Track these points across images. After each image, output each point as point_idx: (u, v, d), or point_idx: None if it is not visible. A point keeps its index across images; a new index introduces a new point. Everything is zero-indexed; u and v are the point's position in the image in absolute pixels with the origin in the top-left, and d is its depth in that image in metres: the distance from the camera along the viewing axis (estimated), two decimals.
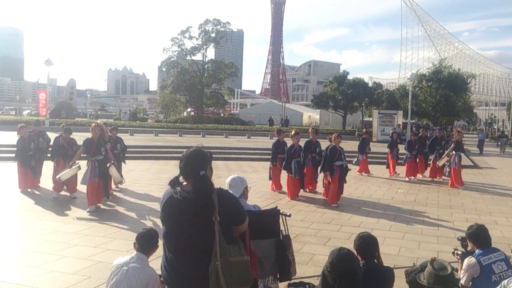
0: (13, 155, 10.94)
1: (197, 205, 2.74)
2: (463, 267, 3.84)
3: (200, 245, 2.74)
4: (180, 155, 2.99)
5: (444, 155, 14.15)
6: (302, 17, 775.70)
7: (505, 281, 3.46)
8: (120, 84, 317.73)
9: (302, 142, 11.52)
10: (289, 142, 11.43)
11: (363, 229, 6.79)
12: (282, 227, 4.04)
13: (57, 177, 9.10)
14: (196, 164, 2.84)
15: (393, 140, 16.52)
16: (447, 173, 14.36)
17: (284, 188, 11.45)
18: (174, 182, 2.91)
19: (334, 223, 8.46)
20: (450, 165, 13.92)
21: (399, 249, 6.78)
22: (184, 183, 2.88)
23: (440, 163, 14.46)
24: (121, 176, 9.44)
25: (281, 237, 3.95)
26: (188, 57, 55.79)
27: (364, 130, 18.54)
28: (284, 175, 11.40)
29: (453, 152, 13.76)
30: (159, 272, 3.68)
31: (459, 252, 4.11)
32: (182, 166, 2.89)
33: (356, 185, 13.19)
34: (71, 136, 10.70)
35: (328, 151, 10.50)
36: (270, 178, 11.78)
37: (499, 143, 33.12)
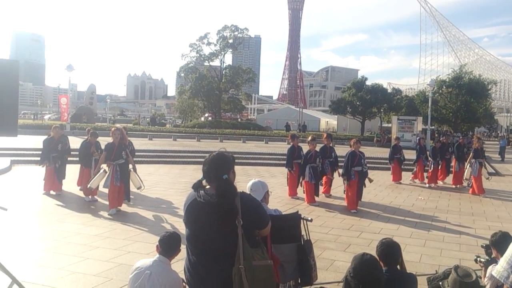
0: (33, 158, 11.19)
1: (220, 209, 2.75)
2: (487, 275, 3.78)
3: (223, 248, 2.75)
4: (198, 159, 3.04)
5: (466, 164, 13.89)
6: (320, 23, 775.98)
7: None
8: (139, 90, 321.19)
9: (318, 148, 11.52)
10: (305, 147, 11.47)
11: (384, 236, 6.73)
12: (303, 232, 4.04)
13: (88, 186, 9.28)
14: (219, 168, 2.86)
15: (421, 146, 16.32)
16: (467, 183, 14.19)
17: (300, 194, 11.45)
18: (197, 186, 2.92)
19: (353, 229, 8.40)
20: (471, 173, 13.71)
21: (420, 257, 6.70)
22: (207, 186, 2.90)
23: (466, 175, 14.08)
24: (141, 181, 9.54)
25: (302, 242, 3.94)
26: (206, 63, 56.20)
27: (395, 136, 18.30)
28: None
29: (473, 159, 13.58)
30: (181, 275, 3.73)
31: (483, 260, 4.04)
32: (206, 169, 2.91)
33: (375, 191, 13.08)
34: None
35: (347, 156, 10.48)
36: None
37: None
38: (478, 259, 4.11)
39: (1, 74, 4.19)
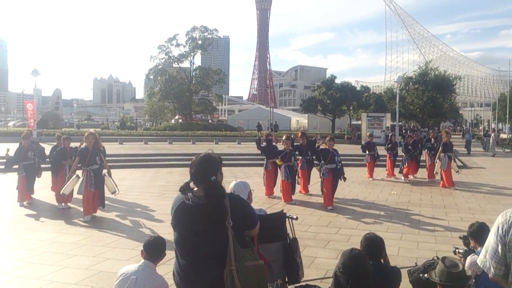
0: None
1: (209, 211, 2.74)
2: (466, 265, 3.88)
3: (214, 250, 2.74)
4: (172, 162, 2.98)
5: (436, 159, 14.18)
6: (288, 22, 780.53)
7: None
8: (106, 93, 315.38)
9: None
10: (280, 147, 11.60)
11: (361, 231, 6.86)
12: (288, 231, 4.06)
13: (61, 192, 9.00)
14: (207, 170, 2.84)
15: (392, 142, 16.72)
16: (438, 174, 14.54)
17: (277, 193, 11.51)
18: (184, 188, 2.89)
19: (331, 226, 8.50)
20: (440, 166, 14.05)
21: (398, 250, 6.84)
22: (195, 188, 2.88)
23: (436, 170, 14.33)
24: (116, 186, 9.36)
25: (288, 241, 3.96)
26: (175, 64, 55.66)
27: (368, 134, 18.65)
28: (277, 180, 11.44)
29: (443, 153, 13.91)
30: (167, 279, 3.69)
31: (461, 251, 4.15)
32: (193, 172, 2.88)
33: (349, 188, 13.27)
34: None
35: (320, 152, 10.68)
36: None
37: (484, 140, 33.66)
38: (457, 250, 4.22)
39: None
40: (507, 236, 1.94)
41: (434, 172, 14.72)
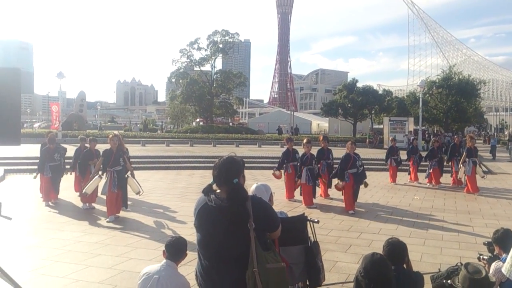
0: (26, 167, 11.04)
1: (232, 213, 2.76)
2: (490, 272, 3.82)
3: (236, 252, 2.75)
4: (193, 164, 3.01)
5: (460, 164, 13.93)
6: (309, 26, 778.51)
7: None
8: (129, 96, 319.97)
9: (314, 151, 11.55)
10: (301, 150, 11.56)
11: (383, 236, 6.80)
12: (309, 234, 4.06)
13: (83, 191, 9.22)
14: (229, 172, 2.86)
15: (414, 147, 16.56)
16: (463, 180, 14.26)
17: (297, 196, 11.50)
18: (207, 190, 2.92)
19: (353, 230, 8.45)
20: (465, 172, 13.79)
21: (421, 255, 6.75)
22: (218, 190, 2.91)
23: (460, 175, 14.13)
24: (140, 186, 9.51)
25: (309, 244, 3.96)
26: (197, 68, 56.16)
27: (391, 138, 18.37)
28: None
29: (467, 159, 13.66)
30: (189, 279, 3.73)
31: (485, 257, 4.08)
32: (216, 174, 2.90)
33: (371, 192, 13.14)
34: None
35: (341, 159, 10.59)
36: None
37: (509, 146, 32.74)
38: (481, 256, 4.15)
39: (3, 83, 4.17)
40: None
41: (458, 178, 14.46)
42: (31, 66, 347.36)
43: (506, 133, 65.91)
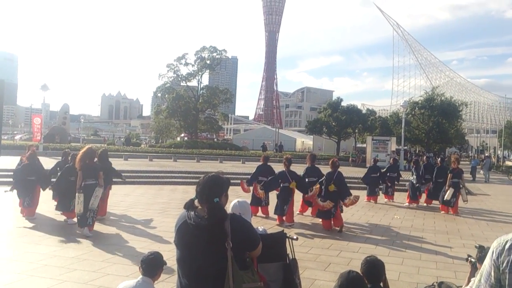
0: (4, 179, 10.76)
1: (210, 232, 2.76)
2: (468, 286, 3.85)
3: (213, 271, 2.75)
4: (176, 179, 3.01)
5: (446, 186, 13.60)
6: (296, 44, 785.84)
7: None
8: (114, 109, 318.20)
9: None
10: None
11: (362, 255, 6.83)
12: (288, 251, 4.06)
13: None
14: (212, 190, 2.86)
15: (393, 164, 17.01)
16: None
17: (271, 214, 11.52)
18: (189, 205, 2.91)
19: (333, 248, 8.47)
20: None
21: (399, 275, 6.79)
22: (199, 207, 2.90)
23: (447, 197, 13.40)
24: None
25: (287, 261, 3.97)
26: (183, 83, 56.28)
27: (373, 159, 18.66)
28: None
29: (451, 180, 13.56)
30: None
31: (473, 260, 4.10)
32: (199, 190, 2.91)
33: (352, 211, 13.18)
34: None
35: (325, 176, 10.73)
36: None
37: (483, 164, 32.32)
38: (470, 258, 4.16)
39: None
40: (500, 258, 1.96)
41: (445, 201, 13.72)
42: (16, 77, 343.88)
43: (486, 154, 67.07)
